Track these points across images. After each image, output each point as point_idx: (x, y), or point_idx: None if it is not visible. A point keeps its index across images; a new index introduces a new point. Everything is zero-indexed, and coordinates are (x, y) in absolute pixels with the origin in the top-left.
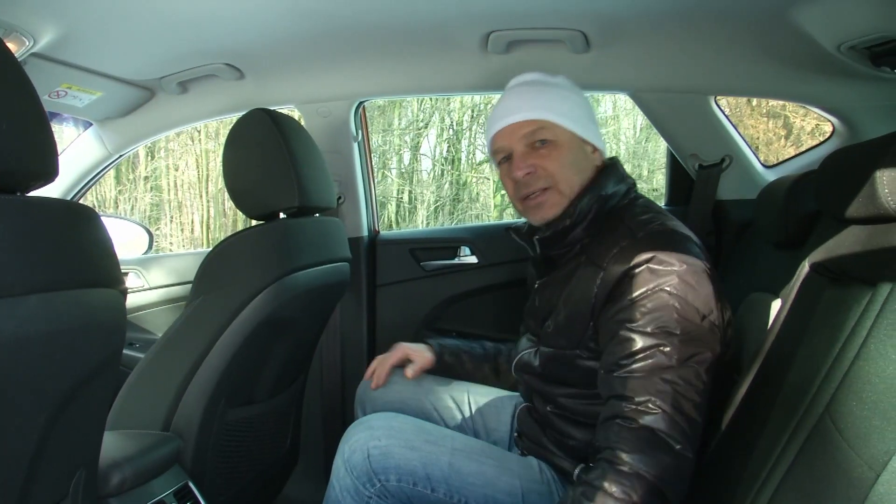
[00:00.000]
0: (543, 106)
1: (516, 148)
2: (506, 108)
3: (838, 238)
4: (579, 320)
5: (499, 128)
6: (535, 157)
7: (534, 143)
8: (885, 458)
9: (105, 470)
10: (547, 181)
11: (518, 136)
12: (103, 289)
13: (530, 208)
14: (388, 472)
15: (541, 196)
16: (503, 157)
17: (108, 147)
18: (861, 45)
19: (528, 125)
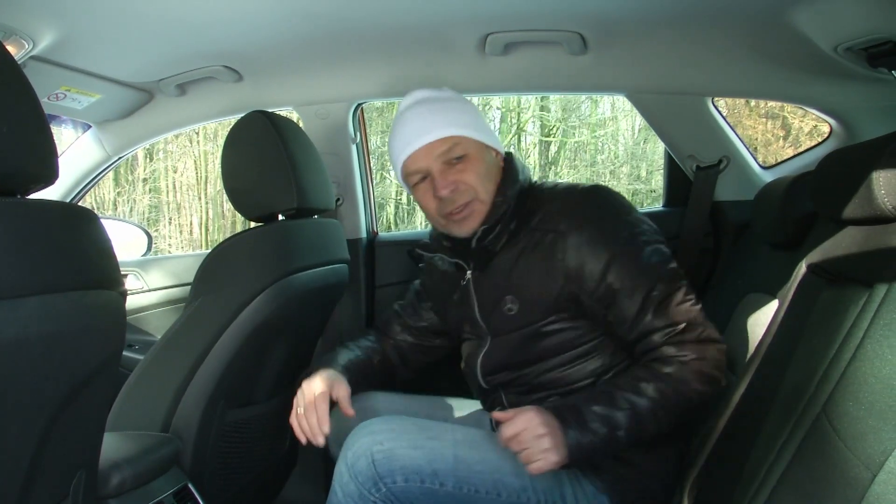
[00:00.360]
0: (451, 122)
1: (434, 167)
2: (413, 130)
3: (835, 239)
4: (550, 288)
5: (412, 150)
6: (454, 173)
7: (450, 160)
8: (881, 457)
9: (105, 471)
10: (469, 194)
11: (434, 155)
12: (103, 290)
13: (455, 223)
14: (395, 474)
15: (465, 210)
16: (420, 178)
17: (106, 149)
18: (858, 46)
19: (443, 143)
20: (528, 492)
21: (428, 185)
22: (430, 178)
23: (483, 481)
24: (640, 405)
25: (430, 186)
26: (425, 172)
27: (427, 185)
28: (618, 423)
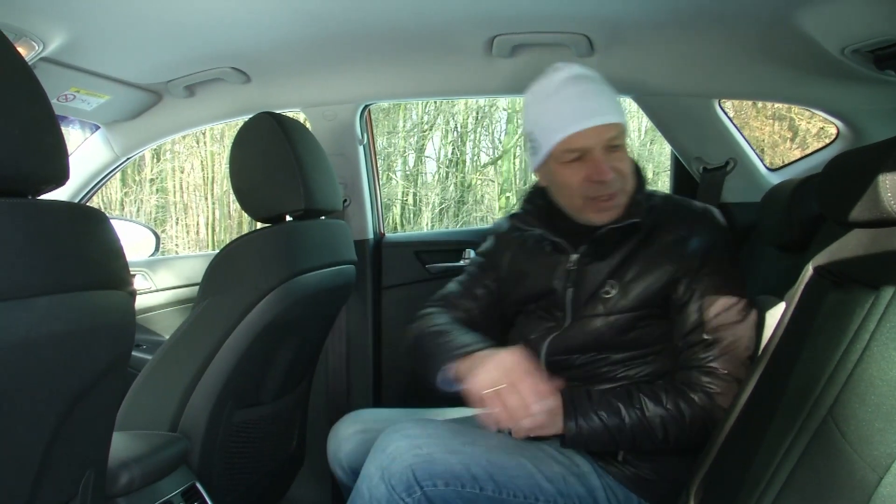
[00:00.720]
0: (618, 109)
1: (596, 149)
2: (584, 108)
3: (842, 241)
4: (653, 284)
5: (581, 128)
6: (613, 160)
7: (611, 147)
8: (887, 460)
9: (114, 470)
10: (619, 184)
11: (603, 138)
12: (112, 290)
13: (599, 209)
14: (435, 479)
15: (612, 200)
16: (576, 156)
17: (115, 150)
18: (865, 48)
19: (613, 129)
20: (563, 497)
21: (582, 164)
22: (587, 158)
23: (520, 486)
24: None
25: (583, 166)
26: (585, 152)
27: (581, 165)
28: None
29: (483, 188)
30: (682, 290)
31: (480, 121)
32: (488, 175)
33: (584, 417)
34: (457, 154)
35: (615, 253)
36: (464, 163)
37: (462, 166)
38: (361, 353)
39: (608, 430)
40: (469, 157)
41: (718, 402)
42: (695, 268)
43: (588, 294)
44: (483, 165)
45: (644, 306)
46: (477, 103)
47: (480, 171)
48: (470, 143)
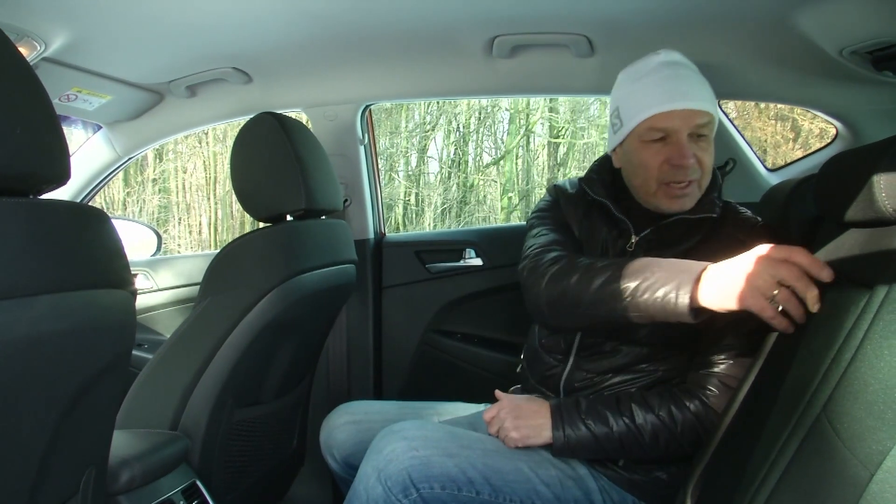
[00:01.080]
0: (711, 99)
1: (682, 133)
2: (679, 89)
3: (837, 241)
4: None
5: (672, 108)
6: (696, 148)
7: (698, 135)
8: (879, 457)
9: (114, 468)
10: (698, 174)
11: (692, 123)
12: (113, 289)
13: (672, 196)
14: (431, 482)
15: (688, 187)
16: (660, 136)
17: (117, 150)
18: (863, 49)
19: (703, 116)
20: (560, 501)
21: (664, 147)
22: (670, 141)
23: (517, 490)
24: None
25: (665, 148)
26: (670, 134)
27: (661, 146)
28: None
29: (485, 188)
30: None
31: (483, 121)
32: (490, 175)
33: (572, 426)
34: (459, 154)
35: (675, 246)
36: (466, 163)
37: (464, 166)
38: (362, 352)
39: (596, 439)
40: (471, 158)
41: (713, 407)
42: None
43: None
44: (485, 166)
45: None
46: (479, 103)
47: (483, 172)
48: (472, 143)
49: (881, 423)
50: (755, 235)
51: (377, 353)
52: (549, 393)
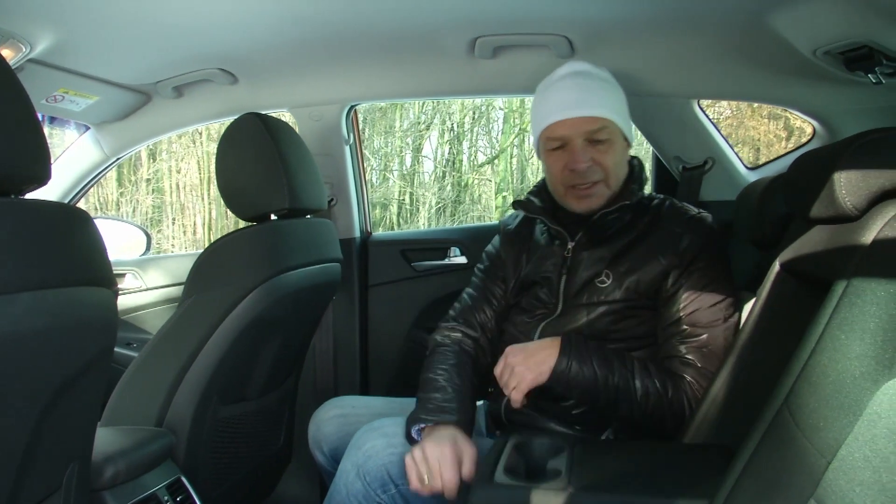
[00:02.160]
0: (606, 105)
1: (576, 140)
2: (568, 100)
3: (805, 238)
4: (645, 276)
5: (561, 118)
6: (594, 151)
7: (592, 139)
8: (835, 445)
9: (98, 463)
10: (600, 175)
11: (581, 130)
12: (95, 287)
13: (577, 197)
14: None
15: (591, 188)
16: (558, 145)
17: (105, 150)
18: (835, 50)
19: (593, 122)
20: None
21: (563, 153)
22: (568, 148)
23: None
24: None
25: (565, 156)
26: (565, 141)
27: (562, 154)
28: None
29: (480, 188)
30: (671, 283)
31: (477, 120)
32: (485, 174)
33: (579, 359)
34: (453, 153)
35: (611, 244)
36: (461, 162)
37: (459, 166)
38: (348, 350)
39: (596, 377)
40: (466, 157)
41: (692, 392)
42: (685, 263)
43: (582, 282)
44: (480, 165)
45: (636, 297)
46: (473, 103)
47: (477, 171)
48: (467, 142)
49: (838, 414)
50: (691, 228)
51: (363, 351)
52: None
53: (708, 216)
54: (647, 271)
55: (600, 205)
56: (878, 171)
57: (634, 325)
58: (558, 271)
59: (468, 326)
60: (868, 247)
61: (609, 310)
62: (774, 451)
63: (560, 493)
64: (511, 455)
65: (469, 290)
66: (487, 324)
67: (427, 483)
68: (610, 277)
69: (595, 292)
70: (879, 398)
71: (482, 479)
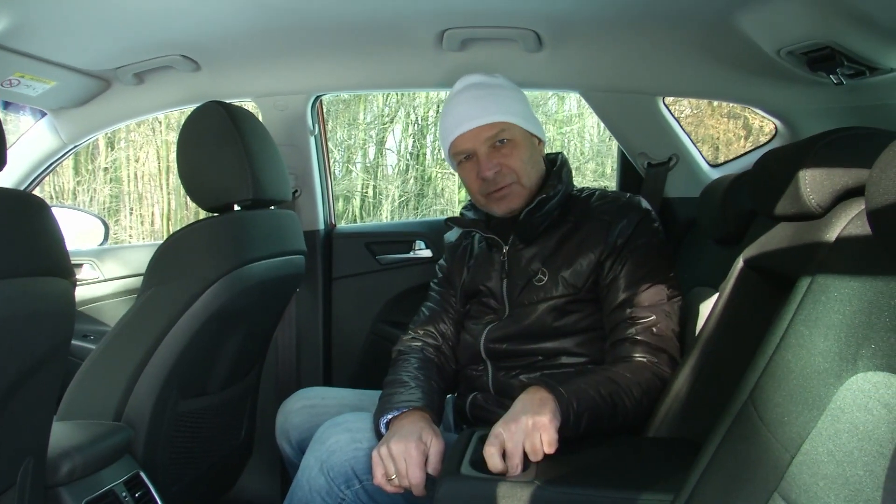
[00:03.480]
0: (501, 109)
1: (480, 149)
2: (464, 113)
3: (769, 235)
4: (581, 268)
5: (461, 132)
6: (499, 156)
7: (495, 144)
8: (798, 440)
9: (54, 459)
10: (511, 177)
11: (482, 139)
12: (52, 278)
13: (495, 200)
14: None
15: (505, 190)
16: (465, 157)
17: (62, 137)
18: (799, 50)
19: (491, 129)
20: None
21: (473, 164)
22: (475, 158)
23: None
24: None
25: (474, 166)
26: (471, 153)
27: (472, 165)
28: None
29: (443, 181)
30: (607, 271)
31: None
32: (448, 168)
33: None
34: (417, 147)
35: (544, 241)
36: (424, 156)
37: (422, 159)
38: (311, 343)
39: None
40: (430, 150)
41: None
42: (618, 249)
43: (522, 283)
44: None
45: (574, 291)
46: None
47: (441, 165)
48: (430, 135)
49: (802, 409)
50: (620, 214)
51: (326, 344)
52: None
53: (639, 199)
54: (581, 263)
55: (520, 204)
56: (842, 170)
57: (579, 320)
58: (499, 276)
59: (429, 336)
60: (832, 244)
61: (550, 306)
62: (739, 445)
63: (526, 486)
64: (477, 448)
65: (427, 303)
66: (447, 332)
67: (394, 481)
68: (546, 275)
69: (535, 291)
70: (843, 393)
71: (449, 472)
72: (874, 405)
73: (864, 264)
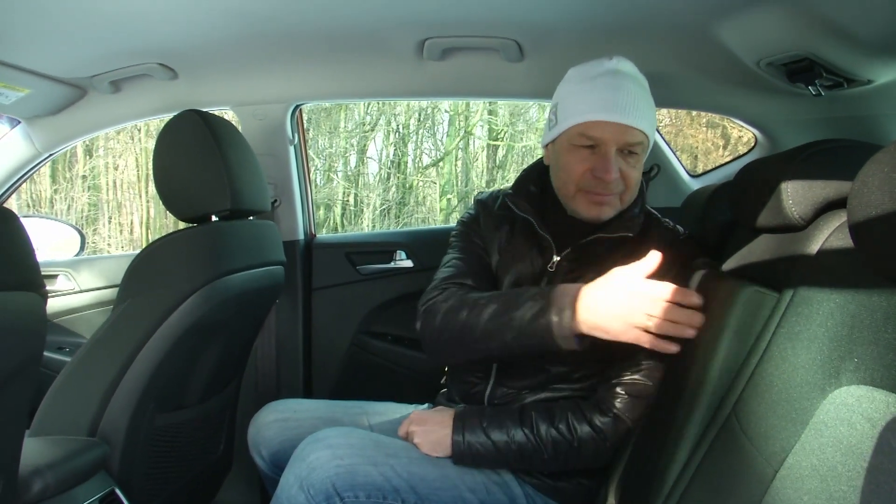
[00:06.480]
0: (648, 118)
1: (611, 146)
2: (620, 101)
3: (750, 246)
4: None
5: (604, 119)
6: (623, 163)
7: (626, 150)
8: (782, 454)
9: (26, 477)
10: (621, 188)
11: (622, 139)
12: (22, 292)
13: (591, 202)
14: (356, 490)
15: (610, 197)
16: (589, 144)
17: (36, 146)
18: (778, 61)
19: (636, 135)
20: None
21: (591, 156)
22: (598, 151)
23: (443, 497)
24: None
25: (592, 158)
26: (599, 144)
27: (589, 154)
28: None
29: (425, 190)
30: None
31: (423, 122)
32: (430, 177)
33: (472, 433)
34: (398, 155)
35: (597, 264)
36: (405, 164)
37: (404, 167)
38: (291, 354)
39: (496, 448)
40: (411, 159)
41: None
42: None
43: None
44: (425, 167)
45: None
46: (419, 104)
47: (422, 173)
48: (412, 144)
49: (784, 423)
50: (677, 249)
51: (307, 355)
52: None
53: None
54: None
55: (609, 216)
56: (823, 182)
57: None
58: (536, 281)
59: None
60: (814, 256)
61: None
62: (722, 458)
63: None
64: None
65: (453, 254)
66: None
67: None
68: None
69: None
70: (826, 407)
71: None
72: (857, 419)
73: (846, 277)
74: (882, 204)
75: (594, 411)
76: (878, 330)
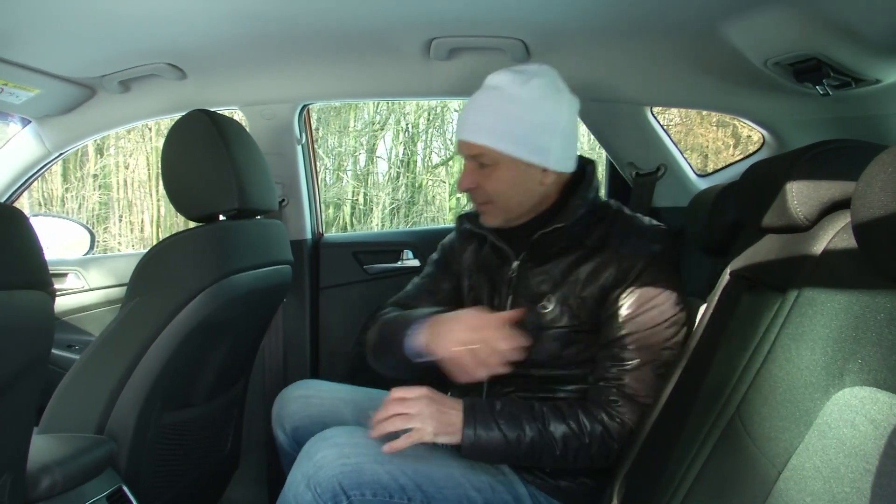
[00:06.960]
0: (489, 129)
1: (466, 160)
2: (465, 119)
3: (756, 246)
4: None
5: (459, 137)
6: (478, 174)
7: (477, 163)
8: (786, 455)
9: (34, 473)
10: (485, 198)
11: (466, 151)
12: (31, 290)
13: (479, 211)
14: (363, 489)
15: (483, 206)
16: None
17: (47, 145)
18: (785, 61)
19: (472, 147)
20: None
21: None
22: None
23: (448, 496)
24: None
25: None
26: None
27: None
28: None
29: (434, 189)
30: (611, 302)
31: (432, 121)
32: (439, 176)
33: (484, 427)
34: (408, 154)
35: (556, 263)
36: (415, 163)
37: (413, 167)
38: (299, 353)
39: (507, 442)
40: (420, 158)
41: (622, 419)
42: (628, 281)
43: (527, 305)
44: (434, 166)
45: (579, 322)
46: (429, 104)
47: (431, 172)
48: (421, 143)
49: (788, 424)
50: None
51: (314, 354)
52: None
53: (661, 233)
54: (591, 293)
55: (499, 223)
56: (829, 183)
57: (580, 351)
58: (505, 292)
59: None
60: (818, 257)
61: (554, 335)
62: (726, 460)
63: None
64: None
65: (416, 279)
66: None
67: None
68: (552, 302)
69: (539, 316)
70: (830, 408)
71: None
72: (861, 420)
73: (850, 278)
74: (886, 204)
75: (601, 411)
76: (882, 331)
